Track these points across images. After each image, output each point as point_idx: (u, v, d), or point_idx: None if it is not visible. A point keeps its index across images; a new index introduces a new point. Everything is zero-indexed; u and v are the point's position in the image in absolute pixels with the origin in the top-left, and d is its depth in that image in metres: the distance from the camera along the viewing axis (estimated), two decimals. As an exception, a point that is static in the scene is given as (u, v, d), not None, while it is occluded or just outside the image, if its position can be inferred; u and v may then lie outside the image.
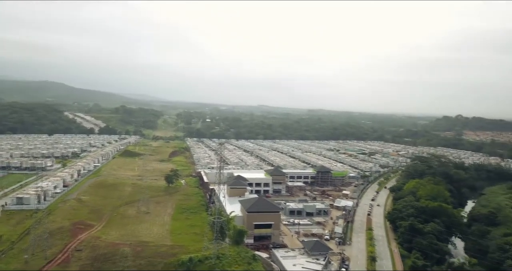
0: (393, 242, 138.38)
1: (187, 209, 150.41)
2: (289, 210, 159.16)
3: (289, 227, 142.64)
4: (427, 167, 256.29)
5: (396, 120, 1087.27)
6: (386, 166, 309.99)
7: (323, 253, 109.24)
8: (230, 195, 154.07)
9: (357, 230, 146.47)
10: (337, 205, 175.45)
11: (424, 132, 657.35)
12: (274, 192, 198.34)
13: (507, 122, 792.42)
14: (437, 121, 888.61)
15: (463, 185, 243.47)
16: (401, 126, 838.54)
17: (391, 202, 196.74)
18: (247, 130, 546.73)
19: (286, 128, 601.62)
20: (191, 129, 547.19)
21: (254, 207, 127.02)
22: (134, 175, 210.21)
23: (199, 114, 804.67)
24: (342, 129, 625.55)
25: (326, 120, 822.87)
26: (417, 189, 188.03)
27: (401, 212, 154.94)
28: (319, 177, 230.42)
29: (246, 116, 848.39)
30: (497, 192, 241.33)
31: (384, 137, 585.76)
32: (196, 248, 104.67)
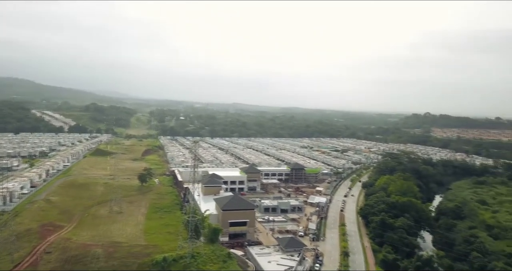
0: (365, 237, 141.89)
1: (161, 208, 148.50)
2: (264, 207, 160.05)
3: (264, 224, 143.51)
4: (397, 163, 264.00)
5: (367, 118, 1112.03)
6: (358, 162, 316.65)
7: (297, 250, 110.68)
8: (205, 194, 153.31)
9: (330, 226, 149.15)
10: (311, 202, 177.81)
11: (394, 130, 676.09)
12: (249, 190, 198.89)
13: (472, 120, 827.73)
14: (407, 119, 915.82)
15: (431, 180, 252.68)
16: (372, 124, 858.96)
17: (363, 197, 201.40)
18: (222, 128, 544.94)
19: (261, 126, 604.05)
20: (165, 128, 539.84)
21: (229, 205, 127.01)
22: (106, 174, 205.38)
23: (173, 112, 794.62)
24: (315, 127, 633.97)
25: (300, 119, 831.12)
26: (388, 184, 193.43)
27: (373, 208, 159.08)
28: (293, 174, 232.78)
29: (221, 114, 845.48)
30: (462, 186, 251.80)
31: (356, 134, 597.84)
32: (171, 248, 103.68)
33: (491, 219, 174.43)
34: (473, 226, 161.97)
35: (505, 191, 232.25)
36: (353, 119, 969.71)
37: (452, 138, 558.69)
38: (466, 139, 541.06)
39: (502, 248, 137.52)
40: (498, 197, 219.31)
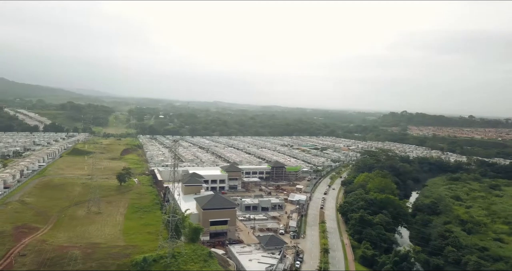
0: (345, 233, 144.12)
1: (140, 208, 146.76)
2: (245, 206, 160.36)
3: (245, 223, 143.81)
4: (375, 161, 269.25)
5: (346, 116, 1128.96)
6: (337, 160, 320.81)
7: (278, 247, 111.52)
8: (185, 193, 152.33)
9: (310, 223, 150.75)
10: (291, 199, 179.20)
11: (372, 128, 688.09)
12: (230, 188, 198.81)
13: (447, 118, 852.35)
14: (385, 117, 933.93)
15: (408, 177, 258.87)
16: (351, 122, 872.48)
17: (343, 195, 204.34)
18: (203, 127, 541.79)
19: (242, 124, 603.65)
20: (144, 126, 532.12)
21: (210, 204, 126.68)
22: (84, 174, 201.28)
23: (152, 110, 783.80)
24: (295, 125, 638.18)
25: (280, 117, 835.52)
26: (367, 182, 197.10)
27: (352, 205, 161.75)
28: (274, 172, 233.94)
29: (202, 112, 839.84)
30: (438, 183, 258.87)
31: (335, 132, 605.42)
32: (151, 248, 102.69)
33: (464, 214, 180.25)
34: (448, 221, 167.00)
35: (477, 187, 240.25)
36: (333, 118, 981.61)
37: (428, 136, 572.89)
38: (441, 137, 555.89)
39: (475, 242, 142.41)
40: (471, 192, 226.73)
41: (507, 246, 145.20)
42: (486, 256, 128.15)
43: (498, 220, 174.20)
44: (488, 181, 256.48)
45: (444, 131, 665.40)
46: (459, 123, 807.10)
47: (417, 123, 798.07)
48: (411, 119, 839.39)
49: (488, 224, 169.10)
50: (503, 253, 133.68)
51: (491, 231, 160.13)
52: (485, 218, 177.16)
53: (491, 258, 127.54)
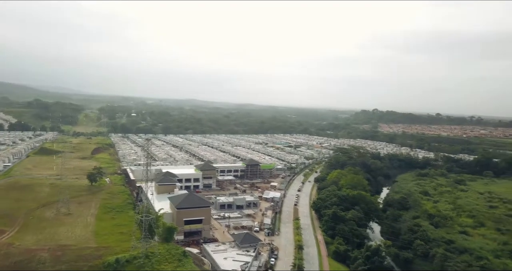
0: (318, 230, 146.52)
1: (112, 208, 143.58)
2: (220, 204, 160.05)
3: (220, 221, 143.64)
4: (347, 158, 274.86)
5: (319, 114, 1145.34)
6: (310, 157, 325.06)
7: (253, 245, 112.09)
8: (159, 192, 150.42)
9: (285, 220, 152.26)
10: (265, 197, 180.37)
11: (344, 126, 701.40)
12: (205, 187, 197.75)
13: (416, 116, 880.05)
14: (356, 115, 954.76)
15: (379, 174, 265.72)
16: (324, 120, 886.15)
17: (316, 191, 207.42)
18: (176, 125, 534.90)
19: (216, 122, 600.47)
20: (116, 125, 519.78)
21: (184, 203, 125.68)
22: (52, 174, 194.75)
23: (124, 108, 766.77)
24: (269, 123, 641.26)
25: (255, 115, 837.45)
26: (339, 178, 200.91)
27: (325, 201, 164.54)
28: (248, 170, 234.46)
29: (175, 110, 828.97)
30: (407, 179, 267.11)
31: (308, 130, 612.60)
32: (124, 248, 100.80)
33: (432, 208, 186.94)
34: (416, 216, 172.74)
35: (444, 182, 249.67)
36: (306, 116, 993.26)
37: (398, 133, 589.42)
38: (410, 134, 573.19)
39: (442, 235, 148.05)
40: (439, 188, 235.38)
41: (471, 238, 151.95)
42: (452, 248, 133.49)
43: (463, 214, 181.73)
44: (454, 176, 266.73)
45: (413, 128, 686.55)
46: (427, 121, 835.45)
47: (387, 121, 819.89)
48: (382, 117, 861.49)
49: (454, 218, 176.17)
50: (468, 245, 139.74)
51: (457, 225, 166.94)
52: (451, 212, 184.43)
53: (457, 250, 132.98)
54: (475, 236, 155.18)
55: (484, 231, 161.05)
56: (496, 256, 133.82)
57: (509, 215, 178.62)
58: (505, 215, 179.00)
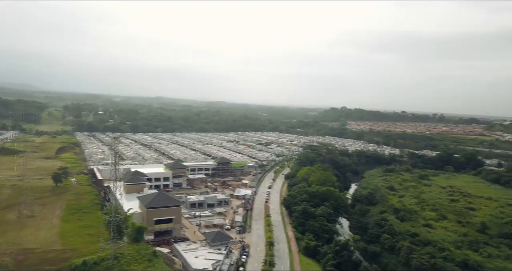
0: (289, 226, 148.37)
1: (79, 209, 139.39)
2: (190, 203, 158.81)
3: (191, 220, 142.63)
4: (317, 155, 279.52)
5: (289, 112, 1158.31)
6: (281, 155, 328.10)
7: (224, 243, 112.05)
8: (128, 192, 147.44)
9: (256, 217, 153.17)
10: (237, 195, 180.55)
11: (314, 123, 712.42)
12: (175, 186, 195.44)
13: (382, 114, 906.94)
14: (325, 113, 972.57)
15: (348, 170, 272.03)
16: (294, 117, 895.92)
17: (286, 188, 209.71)
18: (145, 123, 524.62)
19: (186, 120, 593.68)
20: (82, 123, 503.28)
21: (154, 203, 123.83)
22: (14, 175, 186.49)
23: (90, 106, 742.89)
24: (240, 121, 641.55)
25: (226, 113, 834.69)
26: (309, 175, 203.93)
27: (295, 198, 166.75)
28: (219, 168, 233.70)
29: (144, 108, 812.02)
30: (374, 175, 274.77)
31: (279, 128, 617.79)
32: (91, 250, 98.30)
33: (398, 203, 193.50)
34: (383, 210, 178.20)
35: (409, 177, 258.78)
36: (276, 114, 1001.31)
37: (365, 130, 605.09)
38: (377, 131, 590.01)
39: (408, 228, 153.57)
40: (404, 183, 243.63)
41: (434, 231, 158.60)
42: (417, 241, 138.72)
43: (427, 208, 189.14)
44: (418, 172, 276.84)
45: (380, 126, 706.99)
46: (393, 118, 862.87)
47: (355, 118, 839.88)
48: (350, 115, 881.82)
49: (419, 212, 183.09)
50: (432, 238, 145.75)
51: (421, 218, 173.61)
52: (416, 206, 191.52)
53: (421, 242, 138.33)
54: (438, 229, 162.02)
55: (446, 224, 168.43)
56: (457, 247, 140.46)
57: (468, 208, 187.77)
58: (465, 207, 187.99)
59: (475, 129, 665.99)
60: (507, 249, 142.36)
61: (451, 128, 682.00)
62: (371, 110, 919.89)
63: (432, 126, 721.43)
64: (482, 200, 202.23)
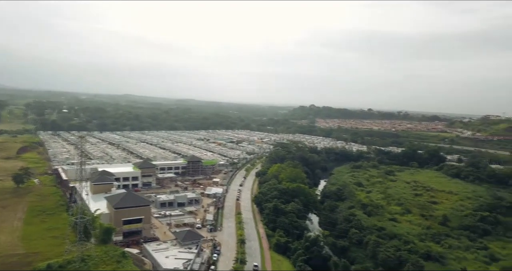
0: (260, 223, 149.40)
1: (43, 211, 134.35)
2: (160, 202, 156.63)
3: (161, 220, 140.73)
4: (287, 152, 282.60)
5: (260, 110, 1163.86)
6: (252, 152, 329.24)
7: (195, 242, 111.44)
8: (95, 192, 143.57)
9: (227, 215, 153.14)
10: (208, 193, 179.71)
11: (284, 121, 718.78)
12: (144, 185, 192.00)
13: (350, 111, 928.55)
14: (295, 111, 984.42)
15: (317, 167, 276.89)
16: (264, 115, 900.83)
17: (257, 186, 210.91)
18: (112, 122, 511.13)
19: (155, 119, 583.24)
20: (45, 122, 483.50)
21: (122, 203, 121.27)
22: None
23: (54, 104, 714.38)
24: (211, 119, 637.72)
25: (196, 111, 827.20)
26: (279, 172, 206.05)
27: (266, 195, 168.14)
28: (190, 166, 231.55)
29: (111, 106, 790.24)
30: (343, 171, 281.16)
31: (250, 126, 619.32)
32: (57, 253, 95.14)
33: (365, 198, 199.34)
34: (351, 206, 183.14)
35: (376, 173, 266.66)
36: (247, 112, 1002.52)
37: (334, 128, 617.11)
38: (345, 128, 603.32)
39: (374, 223, 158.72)
40: (371, 178, 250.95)
41: (400, 224, 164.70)
42: (383, 235, 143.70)
43: (392, 202, 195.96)
44: (384, 168, 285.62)
45: (348, 123, 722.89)
46: (360, 116, 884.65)
47: (324, 116, 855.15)
48: (319, 113, 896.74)
49: (385, 206, 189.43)
50: (397, 231, 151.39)
51: (387, 212, 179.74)
52: (382, 201, 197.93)
53: (387, 236, 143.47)
54: (403, 222, 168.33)
55: (410, 217, 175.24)
56: (421, 240, 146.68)
57: (431, 202, 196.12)
58: (428, 201, 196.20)
59: (437, 127, 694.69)
60: (466, 240, 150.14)
61: (415, 126, 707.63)
62: (339, 108, 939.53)
63: (397, 123, 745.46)
64: (444, 194, 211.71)
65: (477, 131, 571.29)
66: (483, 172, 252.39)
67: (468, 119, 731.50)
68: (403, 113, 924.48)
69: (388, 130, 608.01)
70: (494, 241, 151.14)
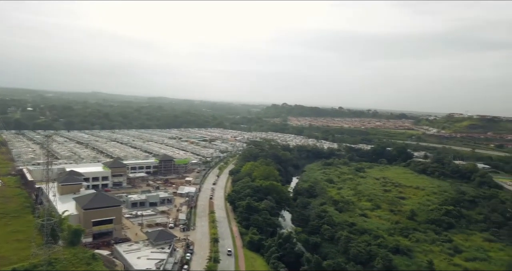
0: (233, 221, 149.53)
1: (6, 214, 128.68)
2: (131, 202, 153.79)
3: (132, 220, 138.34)
4: (260, 150, 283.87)
5: (233, 108, 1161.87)
6: (225, 151, 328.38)
7: (168, 242, 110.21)
8: (62, 193, 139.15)
9: (200, 214, 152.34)
10: (180, 192, 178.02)
11: (257, 119, 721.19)
12: (115, 185, 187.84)
13: (321, 109, 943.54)
14: (267, 109, 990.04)
15: (289, 164, 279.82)
16: (237, 114, 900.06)
17: (231, 184, 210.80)
18: (81, 120, 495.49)
19: (126, 117, 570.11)
20: (8, 120, 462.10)
21: (92, 203, 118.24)
22: None
23: (18, 102, 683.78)
24: (183, 117, 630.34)
25: (168, 109, 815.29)
26: (253, 170, 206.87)
27: (239, 193, 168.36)
28: (162, 166, 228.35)
29: (79, 104, 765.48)
30: (314, 168, 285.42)
31: (223, 124, 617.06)
32: (22, 257, 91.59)
33: (336, 195, 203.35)
34: (323, 202, 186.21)
35: (346, 170, 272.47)
36: (220, 110, 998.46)
37: (305, 126, 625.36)
38: (316, 126, 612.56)
39: (346, 219, 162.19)
40: (342, 175, 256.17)
41: (370, 220, 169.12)
42: (354, 230, 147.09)
43: (363, 198, 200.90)
44: (355, 165, 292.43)
45: (319, 121, 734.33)
46: (331, 114, 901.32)
47: (296, 114, 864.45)
48: (291, 111, 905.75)
49: (355, 202, 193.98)
50: (367, 226, 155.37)
51: (358, 208, 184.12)
52: (353, 197, 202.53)
53: (358, 231, 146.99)
54: (373, 218, 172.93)
55: (380, 213, 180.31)
56: (390, 234, 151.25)
57: (399, 197, 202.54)
58: (396, 197, 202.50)
59: (404, 124, 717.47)
60: (433, 233, 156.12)
61: (384, 123, 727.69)
62: (311, 107, 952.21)
63: (367, 121, 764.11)
64: (411, 189, 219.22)
65: (441, 129, 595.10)
66: (448, 167, 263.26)
67: (433, 117, 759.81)
68: (372, 112, 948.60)
69: (358, 128, 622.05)
70: (458, 234, 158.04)
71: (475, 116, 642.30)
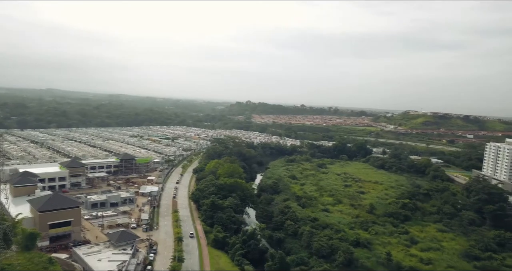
0: (198, 220, 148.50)
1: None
2: (91, 203, 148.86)
3: (92, 221, 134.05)
4: (224, 148, 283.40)
5: (197, 105, 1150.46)
6: (189, 149, 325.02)
7: (130, 242, 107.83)
8: (16, 195, 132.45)
9: (163, 214, 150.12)
10: (142, 192, 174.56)
11: (221, 117, 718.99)
12: (73, 186, 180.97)
13: (284, 107, 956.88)
14: (232, 107, 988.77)
15: (253, 161, 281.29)
16: (201, 111, 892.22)
17: (195, 182, 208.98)
18: (35, 118, 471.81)
19: (84, 115, 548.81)
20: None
21: (48, 205, 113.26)
22: None
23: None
24: (145, 115, 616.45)
25: (129, 106, 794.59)
26: (217, 168, 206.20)
27: (203, 191, 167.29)
28: (122, 165, 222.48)
29: (33, 101, 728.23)
30: (278, 165, 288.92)
31: (186, 122, 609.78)
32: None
33: (299, 191, 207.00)
34: (286, 198, 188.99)
35: (309, 167, 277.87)
36: (183, 107, 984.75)
37: (269, 123, 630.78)
38: (279, 124, 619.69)
39: (308, 214, 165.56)
40: (304, 171, 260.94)
41: (332, 214, 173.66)
42: (317, 225, 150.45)
43: (325, 194, 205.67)
44: (317, 161, 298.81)
45: (282, 119, 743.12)
46: (294, 111, 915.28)
47: (259, 112, 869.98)
48: (255, 109, 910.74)
49: (318, 198, 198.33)
50: (329, 221, 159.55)
51: (320, 204, 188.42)
52: (315, 193, 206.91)
53: (320, 226, 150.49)
54: (334, 212, 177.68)
55: (341, 207, 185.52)
56: (351, 228, 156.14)
57: (360, 192, 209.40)
58: (356, 192, 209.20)
59: (364, 121, 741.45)
60: (391, 226, 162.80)
61: (344, 120, 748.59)
62: (274, 104, 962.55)
63: (328, 118, 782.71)
64: (370, 184, 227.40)
65: (398, 125, 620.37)
66: (404, 162, 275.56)
67: (390, 114, 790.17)
68: (333, 109, 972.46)
69: (319, 125, 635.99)
70: (414, 226, 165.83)
71: (429, 113, 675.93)
